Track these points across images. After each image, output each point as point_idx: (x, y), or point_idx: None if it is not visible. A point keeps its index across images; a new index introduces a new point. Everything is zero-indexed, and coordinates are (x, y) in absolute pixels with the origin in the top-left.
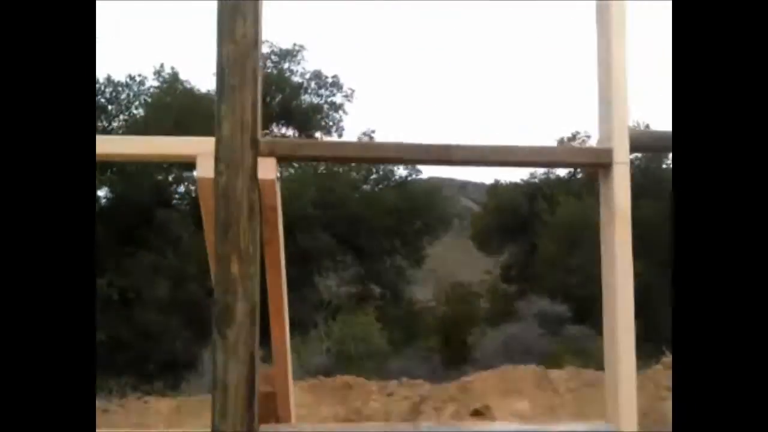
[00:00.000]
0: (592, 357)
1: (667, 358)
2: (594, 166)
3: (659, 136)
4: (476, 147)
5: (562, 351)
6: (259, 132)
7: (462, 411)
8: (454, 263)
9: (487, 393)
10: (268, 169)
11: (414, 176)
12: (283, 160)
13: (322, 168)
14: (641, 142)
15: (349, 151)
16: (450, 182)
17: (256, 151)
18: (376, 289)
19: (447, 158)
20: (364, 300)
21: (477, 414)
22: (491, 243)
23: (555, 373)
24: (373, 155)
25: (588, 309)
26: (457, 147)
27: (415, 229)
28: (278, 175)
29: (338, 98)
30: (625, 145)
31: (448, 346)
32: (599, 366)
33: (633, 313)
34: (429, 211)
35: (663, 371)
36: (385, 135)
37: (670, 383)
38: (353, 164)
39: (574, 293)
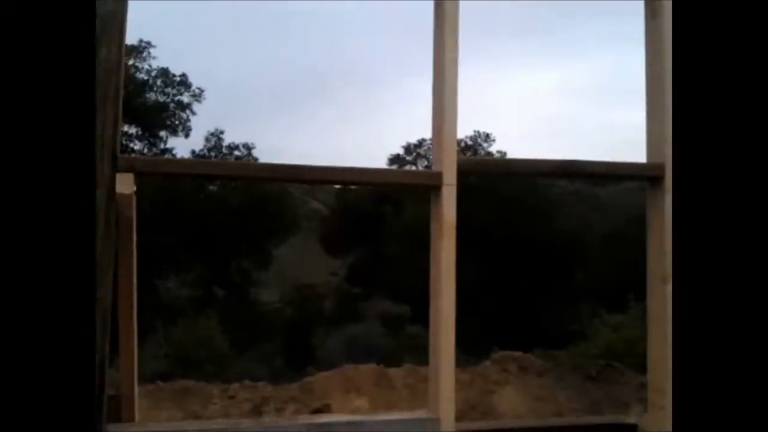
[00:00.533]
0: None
1: (497, 354)
2: (426, 188)
3: (484, 161)
4: (324, 168)
5: (401, 350)
6: (118, 148)
7: (303, 410)
8: (302, 265)
9: (329, 392)
10: (126, 184)
11: None
12: (141, 176)
13: None
14: (468, 166)
15: (208, 169)
16: (299, 185)
17: (115, 167)
18: (220, 292)
19: (298, 177)
20: (208, 303)
21: (317, 412)
22: (338, 245)
23: (393, 371)
24: (232, 173)
25: (427, 309)
26: (305, 168)
27: (263, 231)
28: (135, 189)
29: (186, 97)
30: (453, 169)
31: (292, 347)
32: None
33: (454, 314)
34: (277, 213)
35: (492, 366)
36: (234, 136)
37: (498, 378)
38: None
39: (415, 294)
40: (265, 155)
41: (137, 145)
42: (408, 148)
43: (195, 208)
